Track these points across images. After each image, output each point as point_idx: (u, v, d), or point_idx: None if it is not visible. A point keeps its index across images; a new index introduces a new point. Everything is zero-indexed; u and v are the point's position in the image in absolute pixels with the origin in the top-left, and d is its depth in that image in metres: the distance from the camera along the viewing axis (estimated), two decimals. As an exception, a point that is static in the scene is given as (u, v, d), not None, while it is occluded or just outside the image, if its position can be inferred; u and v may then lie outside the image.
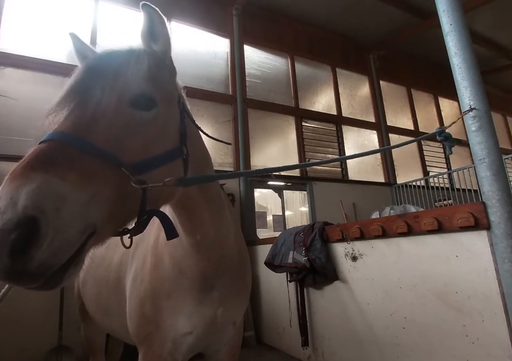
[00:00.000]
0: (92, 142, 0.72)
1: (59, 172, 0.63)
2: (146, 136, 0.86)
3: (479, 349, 1.87)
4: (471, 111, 1.94)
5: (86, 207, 0.66)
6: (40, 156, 0.65)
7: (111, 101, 0.82)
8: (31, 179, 0.60)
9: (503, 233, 1.75)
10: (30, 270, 0.58)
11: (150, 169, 0.83)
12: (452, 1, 2.12)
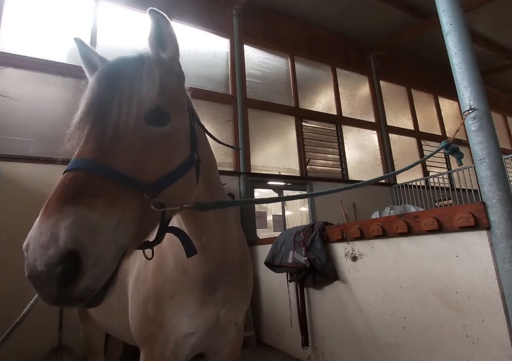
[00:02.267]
0: (113, 167, 0.75)
1: (88, 203, 0.68)
2: (162, 153, 0.87)
3: (479, 349, 1.87)
4: (472, 111, 1.94)
5: (115, 232, 0.71)
6: (70, 188, 0.69)
7: (128, 120, 0.82)
8: (66, 213, 0.64)
9: (503, 233, 1.75)
10: (75, 295, 0.64)
11: (167, 185, 0.85)
12: (452, 1, 2.12)
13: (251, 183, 5.45)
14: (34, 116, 4.11)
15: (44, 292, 0.63)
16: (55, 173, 3.14)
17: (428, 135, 8.23)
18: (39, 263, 0.61)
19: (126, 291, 1.49)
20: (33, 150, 3.94)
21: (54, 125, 4.20)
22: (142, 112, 0.85)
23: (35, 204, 4.18)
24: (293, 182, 6.04)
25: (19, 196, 3.62)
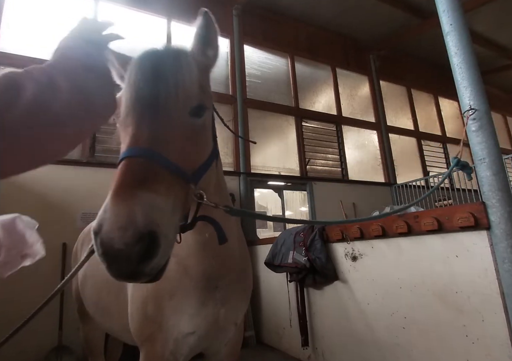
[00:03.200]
0: (167, 157, 0.81)
1: (155, 188, 0.75)
2: (199, 144, 0.94)
3: (479, 349, 1.87)
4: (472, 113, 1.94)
5: (173, 215, 0.79)
6: (137, 174, 0.76)
7: (178, 112, 0.89)
8: (140, 197, 0.71)
9: (503, 233, 1.75)
10: (146, 271, 0.71)
11: (201, 176, 0.92)
12: (452, 1, 2.13)
13: (251, 183, 5.45)
14: (34, 116, 4.11)
15: (119, 268, 0.70)
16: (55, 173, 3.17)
17: (428, 135, 8.24)
18: (117, 242, 0.67)
19: (125, 292, 1.49)
20: (33, 150, 3.94)
21: (54, 125, 4.20)
22: (189, 104, 0.92)
23: (35, 204, 4.21)
24: (293, 182, 6.04)
25: (19, 196, 3.62)
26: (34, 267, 3.68)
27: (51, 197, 3.77)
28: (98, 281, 1.83)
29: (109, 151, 4.46)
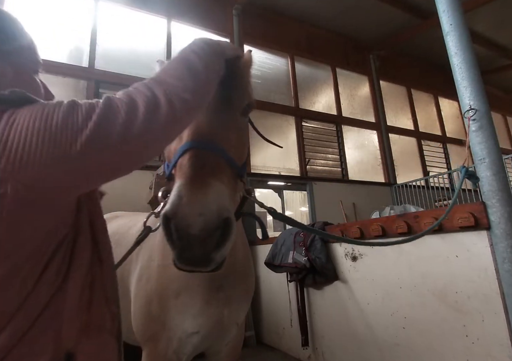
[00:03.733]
0: (227, 152, 0.87)
1: (221, 178, 0.79)
2: (244, 142, 1.01)
3: (479, 349, 1.87)
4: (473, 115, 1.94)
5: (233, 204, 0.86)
6: (206, 164, 0.80)
7: (233, 110, 0.96)
8: (212, 185, 0.75)
9: (503, 233, 1.75)
10: (218, 258, 0.74)
11: (245, 172, 0.99)
12: (452, 1, 2.12)
13: (251, 183, 5.45)
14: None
15: (193, 254, 0.71)
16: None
17: (428, 135, 8.24)
18: (194, 228, 0.69)
19: (128, 291, 1.49)
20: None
21: (54, 125, 4.20)
22: (242, 103, 0.99)
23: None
24: (293, 182, 6.04)
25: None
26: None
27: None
28: None
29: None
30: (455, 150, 8.53)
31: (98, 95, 4.51)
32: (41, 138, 0.57)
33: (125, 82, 4.80)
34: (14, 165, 0.55)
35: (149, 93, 0.65)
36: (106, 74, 4.66)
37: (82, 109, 0.61)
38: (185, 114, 0.69)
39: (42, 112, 0.60)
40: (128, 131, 0.61)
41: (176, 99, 0.66)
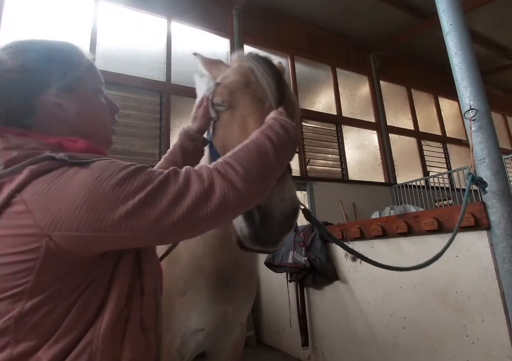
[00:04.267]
0: None
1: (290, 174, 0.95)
2: None
3: (479, 349, 1.87)
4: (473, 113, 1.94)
5: None
6: None
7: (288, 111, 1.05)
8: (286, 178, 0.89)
9: (503, 233, 1.75)
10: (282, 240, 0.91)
11: None
12: (452, 1, 2.12)
13: (251, 183, 5.44)
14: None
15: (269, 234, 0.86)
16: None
17: (428, 135, 8.24)
18: (276, 212, 0.84)
19: None
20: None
21: (54, 125, 4.20)
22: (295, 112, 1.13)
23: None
24: (293, 182, 6.03)
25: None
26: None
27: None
28: None
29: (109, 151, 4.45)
30: (455, 150, 8.53)
31: (98, 95, 4.51)
32: (78, 203, 0.60)
33: (125, 82, 4.80)
34: (48, 223, 0.59)
35: (207, 182, 0.66)
36: (106, 74, 4.59)
37: (137, 180, 0.63)
38: (237, 209, 0.71)
39: (93, 177, 0.62)
40: (169, 215, 0.62)
41: (233, 195, 0.66)
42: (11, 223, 0.61)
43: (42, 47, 0.82)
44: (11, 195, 0.62)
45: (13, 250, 0.60)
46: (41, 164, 0.64)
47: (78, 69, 0.84)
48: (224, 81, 1.11)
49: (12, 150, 0.68)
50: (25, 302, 0.61)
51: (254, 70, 1.09)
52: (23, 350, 0.60)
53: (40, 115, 0.75)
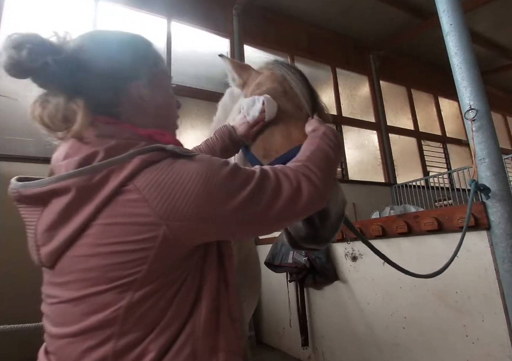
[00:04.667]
0: None
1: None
2: None
3: (479, 349, 1.87)
4: (474, 114, 1.94)
5: None
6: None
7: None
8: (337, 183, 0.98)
9: (503, 233, 1.75)
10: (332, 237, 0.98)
11: None
12: (452, 1, 2.12)
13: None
14: (34, 116, 4.11)
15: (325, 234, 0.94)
16: (55, 173, 3.03)
17: (428, 135, 8.23)
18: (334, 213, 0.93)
19: None
20: (33, 150, 3.94)
21: (54, 125, 4.20)
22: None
23: (35, 204, 4.11)
24: (293, 182, 6.03)
25: (19, 196, 3.61)
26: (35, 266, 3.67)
27: (51, 197, 3.77)
28: None
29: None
30: (455, 150, 8.52)
31: (98, 95, 4.51)
32: (196, 194, 0.61)
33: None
34: (166, 212, 0.60)
35: (295, 183, 0.73)
36: (106, 74, 4.65)
37: (240, 177, 0.67)
38: (315, 206, 0.80)
39: (205, 170, 0.64)
40: (268, 212, 0.68)
41: (316, 194, 0.76)
42: (124, 211, 0.60)
43: (126, 39, 0.82)
44: (123, 182, 0.60)
45: (127, 239, 0.59)
46: (150, 154, 0.63)
47: (159, 63, 0.85)
48: (261, 88, 1.15)
49: (107, 138, 0.67)
50: (134, 292, 0.60)
51: (287, 78, 1.15)
52: (128, 342, 0.60)
53: (125, 106, 0.76)
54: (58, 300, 0.64)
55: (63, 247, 0.62)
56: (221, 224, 0.65)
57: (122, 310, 0.59)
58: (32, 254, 0.69)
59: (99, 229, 0.60)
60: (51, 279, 0.67)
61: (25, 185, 0.65)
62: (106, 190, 0.60)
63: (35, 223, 0.65)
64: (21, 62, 0.63)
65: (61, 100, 0.67)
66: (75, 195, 0.60)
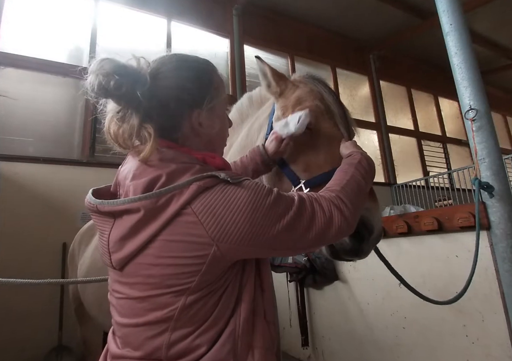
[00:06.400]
0: None
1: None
2: None
3: (479, 349, 1.87)
4: (474, 114, 1.94)
5: None
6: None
7: None
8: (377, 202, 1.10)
9: (503, 233, 1.75)
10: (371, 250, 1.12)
11: None
12: (452, 1, 2.12)
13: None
14: (34, 116, 4.11)
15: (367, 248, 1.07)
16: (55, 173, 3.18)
17: (428, 135, 8.23)
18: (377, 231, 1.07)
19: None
20: (33, 150, 3.94)
21: (54, 125, 4.20)
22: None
23: (35, 204, 4.20)
24: (293, 182, 6.03)
25: (19, 196, 3.62)
26: (35, 266, 3.67)
27: (51, 197, 3.77)
28: (103, 284, 1.82)
29: (109, 151, 4.43)
30: (455, 150, 8.52)
31: (98, 95, 4.50)
32: (243, 221, 0.70)
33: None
34: (217, 235, 0.69)
35: (328, 214, 0.80)
36: (106, 74, 4.64)
37: (282, 204, 0.75)
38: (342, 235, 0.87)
39: (252, 198, 0.73)
40: (303, 239, 0.77)
41: (345, 227, 0.83)
42: (183, 231, 0.70)
43: (195, 66, 0.88)
44: (183, 206, 0.70)
45: (183, 254, 0.70)
46: (205, 180, 0.72)
47: (221, 91, 0.91)
48: (304, 103, 1.20)
49: (168, 162, 0.76)
50: (187, 297, 0.72)
51: (324, 96, 1.21)
52: (180, 335, 0.72)
53: (184, 130, 0.84)
54: (125, 296, 0.77)
55: (132, 255, 0.73)
56: (262, 247, 0.74)
57: (177, 310, 0.72)
58: (103, 258, 0.81)
59: (162, 243, 0.71)
60: (119, 278, 0.79)
61: (103, 202, 0.77)
62: (168, 211, 0.70)
63: (107, 232, 0.77)
64: (108, 89, 0.74)
65: (135, 123, 0.77)
66: (144, 215, 0.71)
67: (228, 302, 0.76)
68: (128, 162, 0.85)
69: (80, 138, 4.30)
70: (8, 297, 3.24)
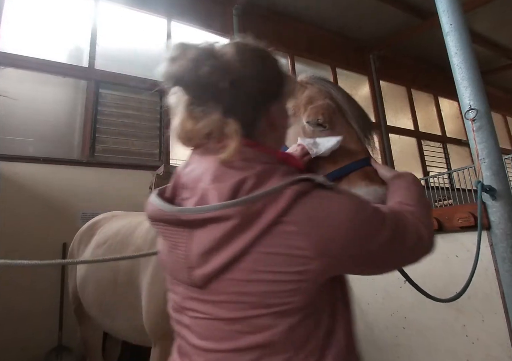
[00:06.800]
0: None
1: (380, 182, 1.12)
2: None
3: (479, 349, 1.87)
4: (473, 114, 1.94)
5: None
6: (375, 174, 1.13)
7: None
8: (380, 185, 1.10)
9: (503, 233, 1.75)
10: None
11: None
12: (452, 1, 2.12)
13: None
14: (34, 116, 4.11)
15: None
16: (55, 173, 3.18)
17: (428, 135, 8.24)
18: None
19: (136, 292, 1.49)
20: (33, 150, 3.94)
21: (54, 125, 4.20)
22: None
23: (35, 204, 4.20)
24: (293, 182, 6.03)
25: (19, 196, 3.62)
26: (35, 267, 3.66)
27: (51, 197, 3.77)
28: (102, 284, 1.83)
29: (109, 151, 4.45)
30: (455, 150, 8.52)
31: (98, 95, 4.52)
32: (346, 231, 0.63)
33: (125, 82, 4.80)
34: (320, 248, 0.61)
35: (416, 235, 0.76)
36: (106, 74, 4.66)
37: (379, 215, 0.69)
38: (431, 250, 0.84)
39: (353, 205, 0.66)
40: (393, 257, 0.74)
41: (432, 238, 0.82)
42: (282, 242, 0.61)
43: (268, 55, 0.80)
44: (281, 213, 0.61)
45: (283, 269, 0.61)
46: (301, 184, 0.64)
47: (289, 83, 0.82)
48: (316, 102, 1.22)
49: (252, 162, 0.67)
50: (288, 318, 0.63)
51: (333, 95, 1.23)
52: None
53: (261, 127, 0.74)
54: (208, 316, 0.66)
55: (220, 270, 0.63)
56: (364, 262, 0.68)
57: (278, 336, 0.62)
58: (179, 273, 0.69)
59: (258, 256, 0.61)
60: (197, 295, 0.67)
61: (183, 210, 0.65)
62: (264, 219, 0.61)
63: (185, 244, 0.66)
64: (199, 76, 0.69)
65: (217, 118, 0.68)
66: (236, 223, 0.61)
67: (325, 324, 0.69)
68: (195, 162, 0.73)
69: (80, 138, 4.30)
70: (9, 297, 3.24)
